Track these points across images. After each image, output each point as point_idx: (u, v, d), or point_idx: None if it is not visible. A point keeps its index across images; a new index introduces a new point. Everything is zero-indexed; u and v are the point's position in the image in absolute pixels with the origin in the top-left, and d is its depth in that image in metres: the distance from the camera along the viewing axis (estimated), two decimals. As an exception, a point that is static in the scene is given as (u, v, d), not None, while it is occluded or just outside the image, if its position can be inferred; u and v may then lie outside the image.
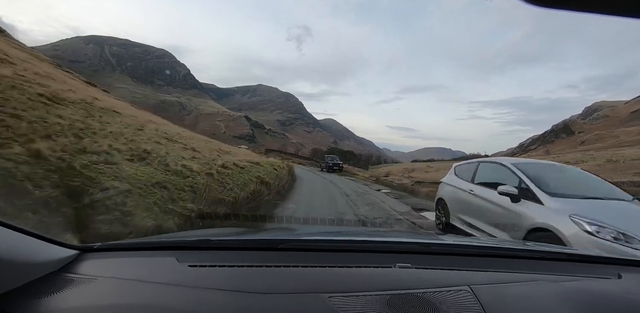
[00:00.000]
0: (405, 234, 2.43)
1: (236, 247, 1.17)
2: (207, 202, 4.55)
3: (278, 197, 8.27)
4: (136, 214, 3.30)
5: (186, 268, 0.93)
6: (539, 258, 1.24)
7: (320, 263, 0.99)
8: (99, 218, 2.94)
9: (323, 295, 0.78)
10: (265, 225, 4.38)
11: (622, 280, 1.06)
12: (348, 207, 7.81)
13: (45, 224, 2.46)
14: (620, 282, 1.06)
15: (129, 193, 3.59)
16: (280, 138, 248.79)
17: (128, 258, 1.03)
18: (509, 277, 1.00)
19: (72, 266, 0.92)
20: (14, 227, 0.81)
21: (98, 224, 2.85)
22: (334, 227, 4.43)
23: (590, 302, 0.86)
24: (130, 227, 3.04)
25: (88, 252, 1.04)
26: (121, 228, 2.97)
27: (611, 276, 1.08)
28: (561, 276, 1.04)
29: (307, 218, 5.26)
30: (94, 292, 0.79)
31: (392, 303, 0.76)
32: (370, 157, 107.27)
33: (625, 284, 1.04)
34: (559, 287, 0.93)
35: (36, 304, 0.72)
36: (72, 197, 3.01)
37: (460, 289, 0.85)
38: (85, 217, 2.87)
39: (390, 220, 6.31)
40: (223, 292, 0.78)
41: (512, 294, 0.87)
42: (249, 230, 2.07)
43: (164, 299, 0.75)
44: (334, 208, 7.46)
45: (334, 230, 2.51)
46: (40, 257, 0.84)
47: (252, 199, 6.12)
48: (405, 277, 0.95)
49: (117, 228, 2.92)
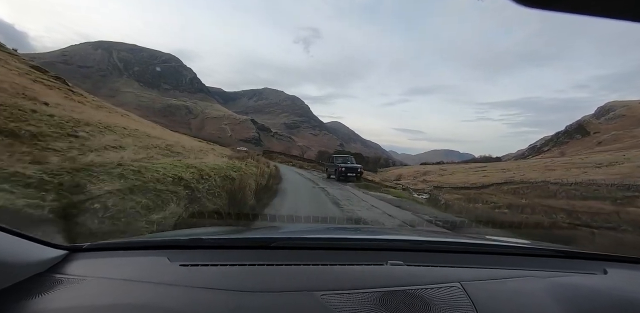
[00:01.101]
0: (397, 232, 2.44)
1: (228, 246, 1.15)
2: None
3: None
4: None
5: (178, 268, 0.92)
6: (528, 255, 1.28)
7: (312, 261, 0.99)
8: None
9: (316, 293, 0.78)
10: (256, 223, 4.27)
11: (607, 276, 1.09)
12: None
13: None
14: (605, 277, 1.09)
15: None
16: (287, 141, 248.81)
17: (118, 258, 1.01)
18: (499, 273, 1.01)
19: (60, 266, 0.90)
20: (1, 227, 0.80)
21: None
22: (325, 225, 4.33)
23: (577, 297, 0.87)
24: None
25: (77, 252, 1.02)
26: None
27: (597, 272, 1.12)
28: (549, 272, 1.06)
29: (298, 216, 5.06)
30: (83, 292, 0.78)
31: (385, 300, 0.77)
32: (378, 159, 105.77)
33: (611, 280, 1.07)
34: (547, 283, 0.95)
35: (24, 305, 0.70)
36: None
37: (451, 286, 0.86)
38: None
39: (381, 218, 5.98)
40: (215, 291, 0.78)
41: (501, 290, 0.89)
42: (240, 229, 2.11)
43: (156, 299, 0.74)
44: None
45: (325, 228, 2.51)
46: (28, 257, 0.83)
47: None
48: (397, 274, 0.96)
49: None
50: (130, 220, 2.91)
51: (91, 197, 2.96)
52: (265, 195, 7.69)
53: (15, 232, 0.84)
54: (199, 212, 3.88)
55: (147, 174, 4.16)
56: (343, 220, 5.52)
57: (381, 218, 6.17)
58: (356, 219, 5.67)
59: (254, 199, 6.28)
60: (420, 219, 6.53)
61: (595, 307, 0.84)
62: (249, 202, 5.83)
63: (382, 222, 5.75)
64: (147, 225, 2.98)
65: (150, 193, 3.64)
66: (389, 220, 6.16)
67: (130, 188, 3.50)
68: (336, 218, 5.59)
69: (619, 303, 0.87)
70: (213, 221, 3.70)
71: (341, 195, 9.56)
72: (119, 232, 2.67)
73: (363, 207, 7.73)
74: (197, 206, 4.12)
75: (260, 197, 6.97)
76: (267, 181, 9.62)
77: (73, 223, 2.53)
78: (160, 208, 3.43)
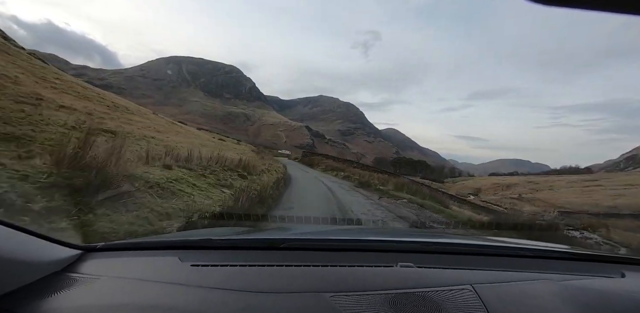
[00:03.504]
0: (407, 233, 2.40)
1: (238, 247, 1.16)
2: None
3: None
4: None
5: (189, 268, 0.93)
6: (542, 257, 1.24)
7: (322, 263, 0.99)
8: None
9: (325, 294, 0.78)
10: (265, 224, 4.05)
11: (625, 279, 1.06)
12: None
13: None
14: (623, 280, 1.05)
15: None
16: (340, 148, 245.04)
17: (131, 258, 1.03)
18: (512, 275, 0.99)
19: (75, 266, 0.92)
20: (18, 227, 0.83)
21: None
22: (335, 226, 4.28)
23: (593, 301, 0.85)
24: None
25: (91, 251, 1.03)
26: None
27: (615, 275, 1.08)
28: (564, 275, 1.04)
29: (308, 217, 4.61)
30: (97, 291, 0.80)
31: (395, 302, 0.77)
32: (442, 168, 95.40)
33: (629, 283, 1.04)
34: (562, 286, 0.92)
35: (40, 303, 0.72)
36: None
37: (463, 288, 0.84)
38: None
39: (391, 219, 5.88)
40: (226, 291, 0.79)
41: (515, 293, 0.86)
42: (250, 230, 2.08)
43: (167, 298, 0.76)
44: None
45: (335, 229, 2.51)
46: (44, 256, 0.85)
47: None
48: (408, 276, 0.94)
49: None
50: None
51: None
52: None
53: (32, 232, 0.85)
54: (210, 213, 3.77)
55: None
56: (353, 221, 5.18)
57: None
58: (366, 221, 5.46)
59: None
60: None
61: (614, 311, 0.81)
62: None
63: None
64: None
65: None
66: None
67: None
68: (346, 219, 5.35)
69: (638, 307, 0.83)
70: (222, 222, 3.40)
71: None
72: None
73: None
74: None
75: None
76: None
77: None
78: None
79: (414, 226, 5.55)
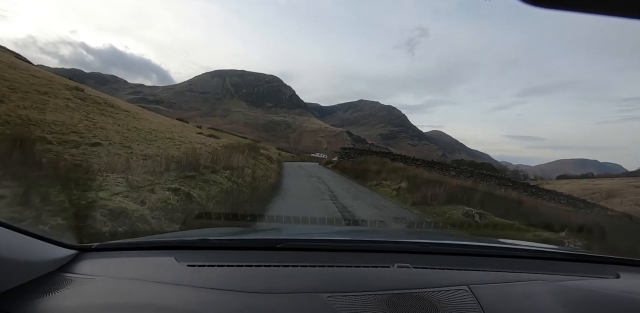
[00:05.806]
0: (404, 234, 2.40)
1: (235, 247, 1.16)
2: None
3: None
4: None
5: (185, 268, 0.94)
6: (538, 258, 1.24)
7: (319, 263, 0.99)
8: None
9: (322, 294, 0.78)
10: (262, 224, 4.17)
11: (620, 280, 1.07)
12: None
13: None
14: (618, 281, 1.06)
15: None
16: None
17: (126, 258, 1.03)
18: (508, 276, 1.00)
19: (70, 266, 0.92)
20: (13, 226, 0.82)
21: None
22: (332, 227, 4.30)
23: (588, 301, 0.87)
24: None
25: (86, 251, 1.03)
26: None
27: (609, 275, 1.09)
28: (560, 275, 1.04)
29: (305, 217, 4.66)
30: (92, 291, 0.80)
31: (391, 303, 0.77)
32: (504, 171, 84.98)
33: (624, 284, 1.04)
34: (558, 287, 0.94)
35: (34, 304, 0.72)
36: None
37: (459, 289, 0.86)
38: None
39: (388, 220, 5.86)
40: (222, 292, 0.79)
41: (511, 294, 0.87)
42: (246, 230, 2.10)
43: (163, 299, 0.76)
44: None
45: (332, 230, 2.53)
46: (39, 256, 0.85)
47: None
48: (404, 276, 0.96)
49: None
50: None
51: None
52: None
53: (27, 231, 0.85)
54: (206, 212, 3.85)
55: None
56: (349, 222, 5.35)
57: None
58: (363, 221, 5.54)
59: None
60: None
61: (609, 311, 0.83)
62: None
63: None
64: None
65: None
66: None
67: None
68: (342, 220, 5.42)
69: (633, 307, 0.85)
70: (219, 222, 3.52)
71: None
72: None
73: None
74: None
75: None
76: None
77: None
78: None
79: (411, 226, 5.30)
